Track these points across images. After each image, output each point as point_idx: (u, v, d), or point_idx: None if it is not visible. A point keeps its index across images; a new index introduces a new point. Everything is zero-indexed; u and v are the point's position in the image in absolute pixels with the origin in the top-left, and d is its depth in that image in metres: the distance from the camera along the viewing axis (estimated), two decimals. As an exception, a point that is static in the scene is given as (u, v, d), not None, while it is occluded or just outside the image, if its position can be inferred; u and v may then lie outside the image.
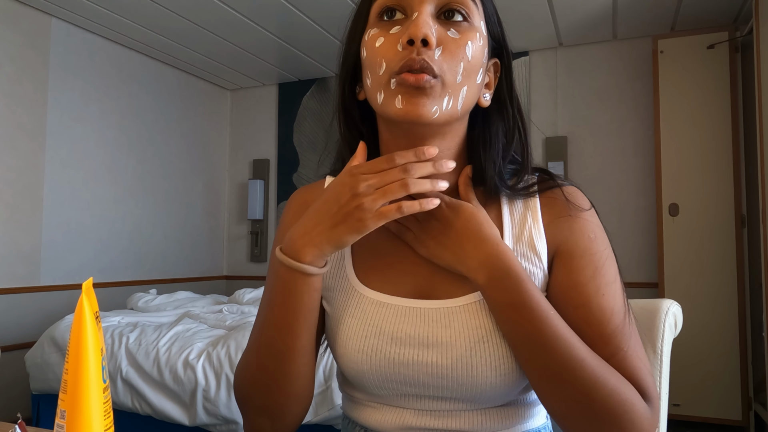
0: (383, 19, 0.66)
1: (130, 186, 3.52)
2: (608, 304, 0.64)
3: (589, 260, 0.66)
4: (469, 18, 0.65)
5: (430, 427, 0.67)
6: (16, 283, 2.86)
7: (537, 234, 0.69)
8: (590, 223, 0.69)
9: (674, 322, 0.82)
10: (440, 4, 0.64)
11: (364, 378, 0.67)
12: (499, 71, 0.72)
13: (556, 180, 0.72)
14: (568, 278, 0.66)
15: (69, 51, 3.14)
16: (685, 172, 3.03)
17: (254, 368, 0.68)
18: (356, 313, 0.68)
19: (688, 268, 2.99)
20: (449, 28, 0.64)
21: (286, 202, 0.81)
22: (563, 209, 0.69)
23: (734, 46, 2.98)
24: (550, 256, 0.69)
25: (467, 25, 0.64)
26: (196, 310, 2.67)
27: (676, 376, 2.77)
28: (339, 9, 2.96)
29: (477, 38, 0.65)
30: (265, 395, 0.68)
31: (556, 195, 0.70)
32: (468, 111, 0.68)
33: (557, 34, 3.35)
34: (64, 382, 0.47)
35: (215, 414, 2.02)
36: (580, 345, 0.60)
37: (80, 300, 0.47)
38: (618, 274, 0.68)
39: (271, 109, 4.30)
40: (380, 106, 0.65)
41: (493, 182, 0.69)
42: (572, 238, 0.68)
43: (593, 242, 0.67)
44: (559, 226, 0.69)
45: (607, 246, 0.68)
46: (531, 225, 0.69)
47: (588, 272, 0.66)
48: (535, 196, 0.71)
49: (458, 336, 0.64)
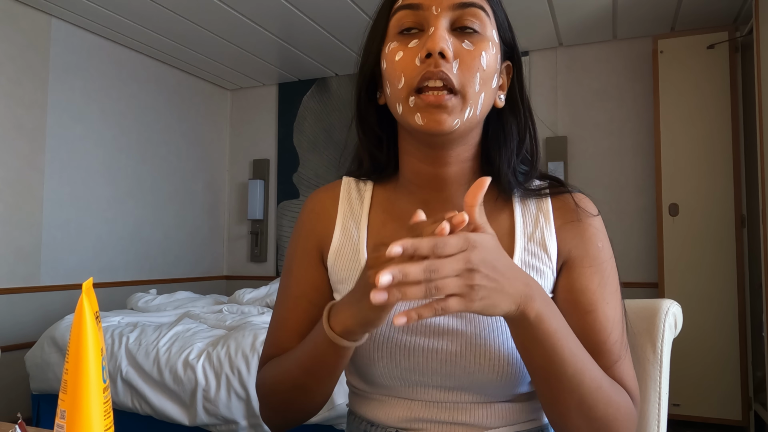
0: (401, 34, 0.69)
1: (130, 186, 3.52)
2: (612, 312, 0.68)
3: (597, 268, 0.69)
4: (482, 29, 0.67)
5: (437, 419, 0.69)
6: (16, 283, 2.86)
7: (549, 235, 0.71)
8: (599, 231, 0.72)
9: (674, 322, 0.82)
10: (454, 18, 0.67)
11: (374, 366, 0.69)
12: (512, 72, 0.75)
13: (567, 186, 0.75)
14: (577, 283, 0.69)
15: (69, 51, 3.14)
16: (685, 172, 3.03)
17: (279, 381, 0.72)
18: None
19: (688, 268, 2.99)
20: (464, 40, 0.66)
21: (304, 202, 0.83)
22: (574, 214, 0.72)
23: (734, 46, 2.98)
24: (560, 259, 0.71)
25: (480, 36, 0.67)
26: (196, 310, 2.67)
27: (676, 376, 2.76)
28: (339, 9, 2.96)
29: (490, 47, 0.67)
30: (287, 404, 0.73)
31: (567, 200, 0.73)
32: (486, 114, 0.71)
33: (557, 34, 3.35)
34: (64, 382, 0.47)
35: (215, 414, 2.02)
36: (584, 355, 0.63)
37: (80, 300, 0.47)
38: (619, 285, 0.71)
39: (271, 109, 4.30)
40: (400, 116, 0.68)
41: (507, 179, 0.72)
42: (582, 245, 0.70)
43: (601, 251, 0.71)
44: (570, 231, 0.71)
45: (611, 256, 0.72)
46: (543, 225, 0.72)
47: (596, 279, 0.69)
48: (548, 198, 0.74)
49: (468, 324, 0.66)
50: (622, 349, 0.67)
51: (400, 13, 0.68)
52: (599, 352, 0.66)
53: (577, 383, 0.61)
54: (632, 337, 0.83)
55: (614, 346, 0.67)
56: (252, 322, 2.31)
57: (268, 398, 0.74)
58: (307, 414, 0.73)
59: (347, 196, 0.79)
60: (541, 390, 0.63)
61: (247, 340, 2.09)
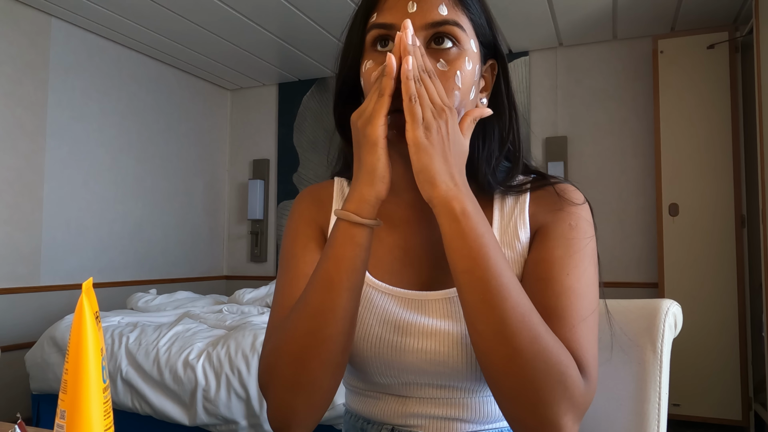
0: (377, 49, 0.68)
1: (130, 186, 3.52)
2: (572, 283, 0.65)
3: (562, 242, 0.68)
4: (457, 42, 0.66)
5: (432, 415, 0.70)
6: (16, 283, 2.86)
7: (522, 223, 0.72)
8: (574, 214, 0.70)
9: (674, 322, 0.82)
10: (427, 37, 0.66)
11: (368, 365, 0.70)
12: (497, 69, 0.74)
13: (549, 179, 0.74)
14: (538, 255, 0.68)
15: (69, 51, 3.14)
16: (685, 172, 3.03)
17: (289, 336, 0.65)
18: (363, 302, 0.72)
19: (688, 268, 2.99)
20: (439, 59, 0.66)
21: (297, 197, 0.82)
22: (552, 203, 0.71)
23: (734, 46, 2.98)
24: (531, 240, 0.71)
25: (456, 52, 0.66)
26: (196, 310, 2.67)
27: (676, 376, 2.76)
28: (339, 9, 2.96)
29: (466, 63, 0.67)
30: (298, 365, 0.64)
31: (547, 191, 0.73)
32: None
33: (557, 34, 3.35)
34: (64, 382, 0.47)
35: (215, 414, 2.02)
36: (526, 301, 0.60)
37: (80, 300, 0.47)
38: (595, 271, 0.68)
39: (271, 109, 4.30)
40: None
41: (486, 179, 0.72)
42: (551, 223, 0.70)
43: (572, 229, 0.69)
44: (543, 214, 0.71)
45: (587, 238, 0.69)
46: (517, 216, 0.72)
47: (558, 252, 0.67)
48: (526, 193, 0.73)
49: (455, 324, 0.67)
50: (579, 322, 0.63)
51: (374, 32, 0.68)
52: (548, 316, 0.63)
53: (500, 299, 0.57)
54: (632, 337, 0.83)
55: (564, 311, 0.63)
56: (252, 322, 2.31)
57: (274, 371, 0.65)
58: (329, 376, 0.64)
59: (341, 194, 0.80)
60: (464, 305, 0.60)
61: (247, 340, 2.10)
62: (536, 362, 0.57)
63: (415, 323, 0.69)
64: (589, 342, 0.63)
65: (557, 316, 0.63)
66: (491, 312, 0.58)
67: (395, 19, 0.66)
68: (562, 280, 0.65)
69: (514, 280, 0.60)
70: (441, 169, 0.59)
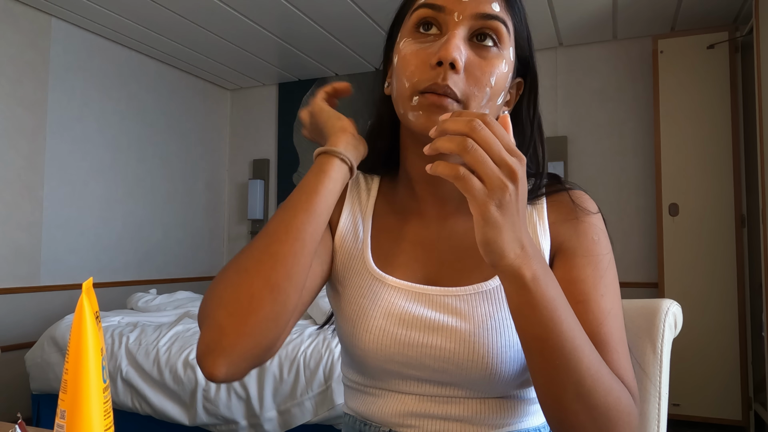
0: (419, 31, 0.67)
1: (130, 186, 3.52)
2: (607, 305, 0.66)
3: (590, 260, 0.68)
4: (499, 44, 0.66)
5: (430, 414, 0.69)
6: (16, 283, 2.86)
7: (542, 232, 0.71)
8: (594, 226, 0.70)
9: (674, 322, 0.82)
10: (473, 28, 0.65)
11: (369, 358, 0.69)
12: (522, 89, 0.75)
13: (564, 184, 0.74)
14: (569, 274, 0.67)
15: (69, 51, 3.14)
16: (685, 172, 3.03)
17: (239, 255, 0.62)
18: (368, 294, 0.71)
19: (688, 268, 2.99)
20: (479, 53, 0.65)
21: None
22: (570, 212, 0.71)
23: (734, 46, 2.98)
24: (551, 253, 0.71)
25: (496, 52, 0.66)
26: (196, 310, 2.67)
27: (676, 376, 2.76)
28: (339, 9, 2.96)
29: (503, 65, 0.66)
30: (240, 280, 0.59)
31: (563, 198, 0.73)
32: None
33: (557, 34, 3.35)
34: (64, 382, 0.47)
35: (215, 414, 2.02)
36: (582, 336, 0.59)
37: (80, 300, 0.47)
38: (617, 284, 0.69)
39: (271, 109, 4.30)
40: (402, 114, 0.68)
41: None
42: (575, 238, 0.69)
43: (596, 244, 0.69)
44: (563, 226, 0.71)
45: (609, 252, 0.70)
46: (536, 223, 0.71)
47: (589, 270, 0.67)
48: (543, 199, 0.73)
49: (462, 322, 0.67)
50: (619, 343, 0.64)
51: (421, 10, 0.67)
52: (594, 342, 0.62)
53: (575, 362, 0.56)
54: (632, 337, 0.83)
55: (608, 336, 0.64)
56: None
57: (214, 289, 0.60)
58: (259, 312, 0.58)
59: (356, 185, 0.81)
60: (535, 369, 0.59)
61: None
62: (610, 413, 0.58)
63: (421, 317, 0.68)
64: (629, 362, 0.65)
65: (602, 342, 0.64)
66: (567, 376, 0.57)
67: (447, 2, 0.65)
68: (599, 302, 0.65)
69: (584, 338, 0.59)
70: (510, 238, 0.53)
